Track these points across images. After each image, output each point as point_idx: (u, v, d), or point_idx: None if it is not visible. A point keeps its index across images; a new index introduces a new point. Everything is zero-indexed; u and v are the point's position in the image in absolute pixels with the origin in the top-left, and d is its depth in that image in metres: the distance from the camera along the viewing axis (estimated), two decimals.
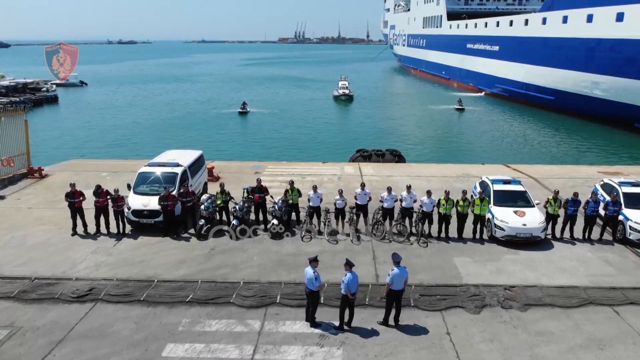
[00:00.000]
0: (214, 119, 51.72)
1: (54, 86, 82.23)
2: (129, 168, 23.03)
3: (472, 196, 17.57)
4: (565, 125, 49.26)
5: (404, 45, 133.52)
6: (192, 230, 16.23)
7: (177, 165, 17.41)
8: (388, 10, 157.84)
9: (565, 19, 52.65)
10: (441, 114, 55.40)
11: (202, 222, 15.82)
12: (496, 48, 71.15)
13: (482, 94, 76.09)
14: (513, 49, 65.31)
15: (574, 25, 51.00)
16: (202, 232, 15.86)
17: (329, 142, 40.41)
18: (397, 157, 28.64)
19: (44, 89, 77.19)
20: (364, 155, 28.44)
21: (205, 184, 20.02)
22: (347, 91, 68.83)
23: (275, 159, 31.26)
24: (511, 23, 66.27)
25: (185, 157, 18.62)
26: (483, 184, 17.67)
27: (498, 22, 70.66)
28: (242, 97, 70.75)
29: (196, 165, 18.83)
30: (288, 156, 33.76)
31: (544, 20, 57.01)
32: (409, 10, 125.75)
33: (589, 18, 48.50)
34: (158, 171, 17.16)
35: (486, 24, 75.34)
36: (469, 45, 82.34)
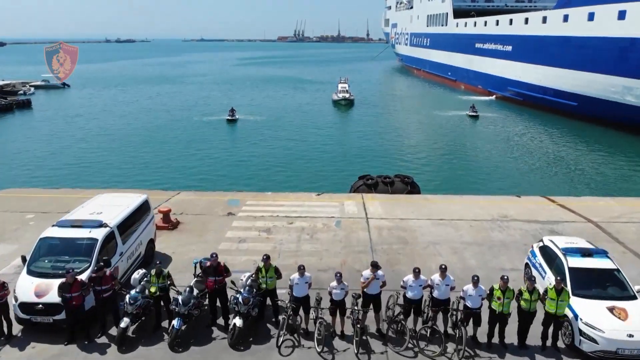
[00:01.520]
0: (197, 128, 45.87)
1: (32, 89, 76.76)
2: (69, 205, 17.31)
3: (528, 266, 12.06)
4: (597, 136, 43.10)
5: (406, 44, 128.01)
6: (114, 330, 10.72)
7: (100, 225, 11.83)
8: (389, 8, 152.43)
9: (591, 16, 47.01)
10: (453, 123, 49.54)
11: (125, 322, 10.28)
12: (509, 48, 65.52)
13: (493, 97, 70.56)
14: (529, 49, 59.70)
15: (602, 23, 45.38)
16: (128, 334, 10.39)
17: (325, 162, 34.05)
18: (410, 186, 23.08)
19: (21, 91, 71.71)
20: (369, 184, 22.88)
21: (151, 242, 14.35)
22: (347, 95, 63.21)
23: (259, 187, 25.63)
24: (527, 21, 60.60)
25: (118, 208, 13.03)
26: (547, 253, 12.09)
27: (511, 20, 64.97)
28: (233, 101, 65.23)
29: (133, 219, 13.26)
30: (275, 183, 27.92)
31: (566, 18, 51.34)
32: (411, 7, 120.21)
33: (621, 15, 42.85)
34: (69, 235, 11.60)
35: (497, 21, 69.71)
36: (478, 45, 76.75)
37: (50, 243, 11.51)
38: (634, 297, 10.42)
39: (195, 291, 10.80)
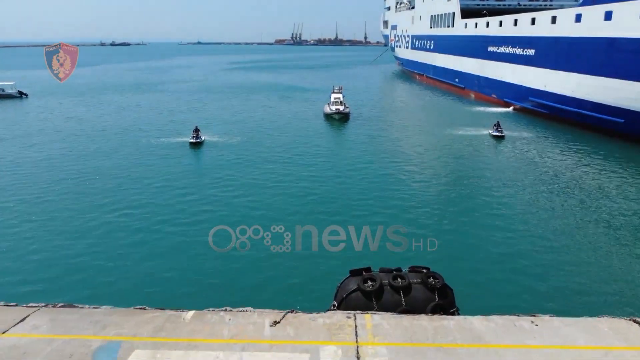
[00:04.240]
0: (140, 158, 34.68)
1: None
2: None
3: None
4: None
5: (407, 47, 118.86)
6: None
7: None
8: (388, 8, 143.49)
9: None
10: (475, 148, 38.71)
11: None
12: (531, 52, 56.09)
13: (510, 108, 61.08)
14: (557, 54, 50.28)
15: None
16: None
17: (303, 222, 21.69)
18: (437, 293, 13.26)
19: None
20: (367, 291, 13.07)
21: None
22: (341, 107, 53.65)
23: (184, 284, 15.69)
24: (554, 20, 51.17)
25: None
26: None
27: (534, 19, 55.56)
28: (206, 115, 55.81)
29: None
30: (213, 274, 17.30)
31: (608, 15, 41.88)
32: (413, 8, 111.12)
33: None
34: None
35: (515, 21, 60.29)
36: (491, 48, 67.40)
37: None
38: None
39: None
